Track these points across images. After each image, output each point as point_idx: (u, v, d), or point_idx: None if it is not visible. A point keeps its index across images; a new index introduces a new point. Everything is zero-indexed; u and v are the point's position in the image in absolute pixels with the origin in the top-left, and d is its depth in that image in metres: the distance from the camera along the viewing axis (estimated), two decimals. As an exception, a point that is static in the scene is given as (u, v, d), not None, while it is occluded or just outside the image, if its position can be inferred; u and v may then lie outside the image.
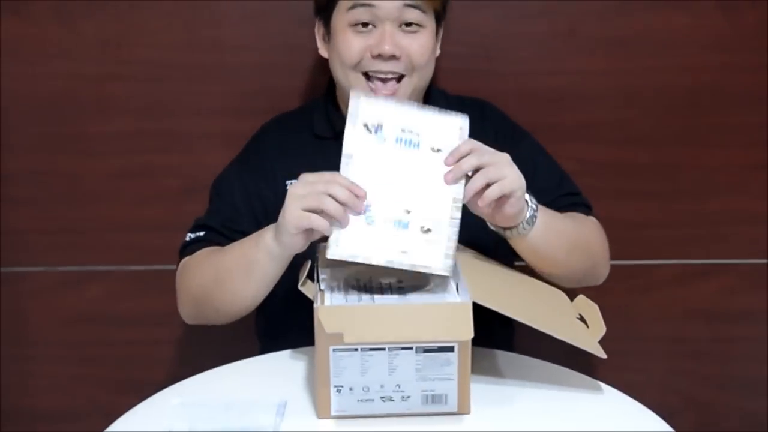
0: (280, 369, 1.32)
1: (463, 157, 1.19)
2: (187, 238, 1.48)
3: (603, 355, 1.22)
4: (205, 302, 1.39)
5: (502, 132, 1.54)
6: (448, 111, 1.23)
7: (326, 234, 1.17)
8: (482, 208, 1.22)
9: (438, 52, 1.51)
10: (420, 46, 1.42)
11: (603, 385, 1.27)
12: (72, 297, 1.89)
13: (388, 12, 1.39)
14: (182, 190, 1.81)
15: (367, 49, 1.41)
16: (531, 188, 1.28)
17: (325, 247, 1.18)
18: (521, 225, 1.28)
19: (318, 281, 1.22)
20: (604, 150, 1.81)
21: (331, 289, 1.22)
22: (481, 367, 1.28)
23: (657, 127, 1.80)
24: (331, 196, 1.15)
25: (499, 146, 1.47)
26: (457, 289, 1.20)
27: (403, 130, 1.20)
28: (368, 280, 1.25)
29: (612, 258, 1.81)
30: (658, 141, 1.81)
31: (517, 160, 1.46)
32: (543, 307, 1.30)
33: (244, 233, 1.36)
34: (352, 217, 1.17)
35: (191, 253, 1.45)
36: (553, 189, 1.49)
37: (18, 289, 1.89)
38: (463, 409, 1.17)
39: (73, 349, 1.93)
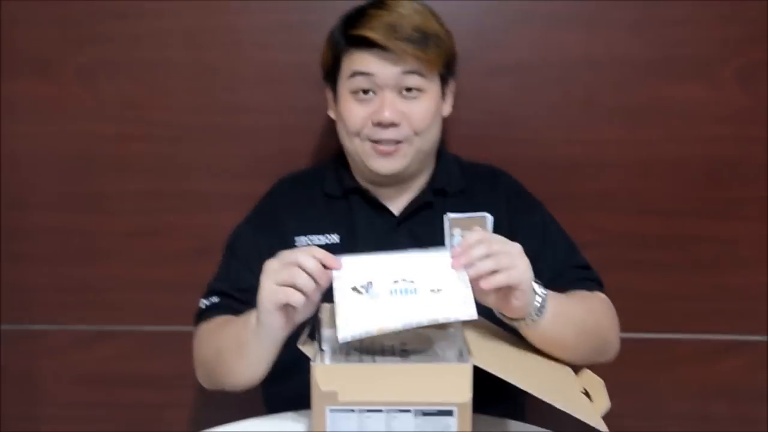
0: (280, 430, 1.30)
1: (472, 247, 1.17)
2: (202, 305, 1.48)
3: (605, 429, 1.18)
4: (212, 374, 1.40)
5: (514, 200, 1.54)
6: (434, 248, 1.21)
7: (297, 306, 1.16)
8: (486, 294, 1.19)
9: (448, 111, 1.52)
10: (420, 111, 1.43)
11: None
12: (83, 356, 1.89)
13: (386, 79, 1.40)
14: (197, 250, 1.82)
15: (369, 116, 1.42)
16: (540, 258, 1.26)
17: (330, 307, 1.16)
18: (530, 316, 1.24)
19: (319, 341, 1.20)
20: (621, 220, 1.79)
21: (333, 350, 1.20)
22: (485, 434, 1.25)
23: (675, 198, 1.78)
24: (301, 268, 1.15)
25: (511, 215, 1.48)
26: (461, 355, 1.18)
27: (395, 282, 1.17)
28: (371, 342, 1.23)
29: (630, 330, 1.79)
30: (676, 212, 1.79)
31: (529, 229, 1.46)
32: (546, 377, 1.26)
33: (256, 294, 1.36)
34: (355, 296, 1.15)
35: (206, 320, 1.45)
36: (562, 261, 1.47)
37: (29, 348, 1.89)
38: (462, 476, 1.13)
39: (82, 409, 1.91)
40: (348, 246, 1.45)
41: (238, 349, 1.29)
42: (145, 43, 1.77)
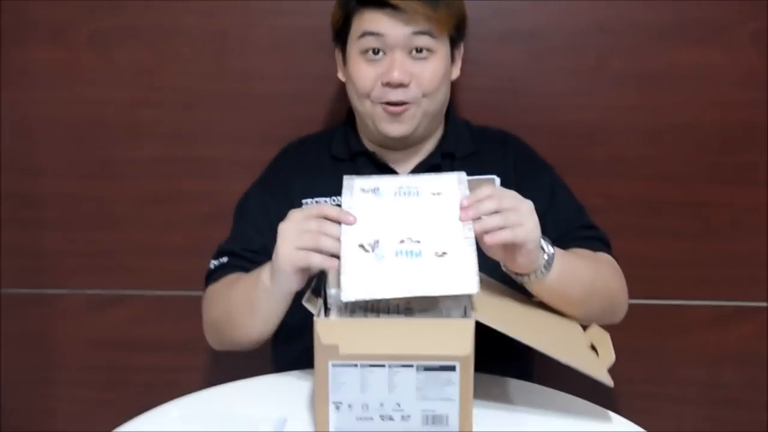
0: (284, 388, 1.31)
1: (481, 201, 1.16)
2: (211, 266, 1.49)
3: (610, 383, 1.18)
4: (221, 333, 1.42)
5: (523, 163, 1.53)
6: (444, 172, 1.23)
7: (324, 269, 1.16)
8: (492, 248, 1.19)
9: (456, 74, 1.52)
10: (430, 72, 1.42)
11: (613, 415, 1.23)
12: (96, 320, 1.91)
13: (396, 40, 1.40)
14: (209, 216, 1.83)
15: (378, 77, 1.42)
16: (547, 218, 1.25)
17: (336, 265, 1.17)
18: (535, 273, 1.24)
19: (325, 299, 1.21)
20: (633, 186, 1.78)
21: (338, 308, 1.20)
22: (490, 392, 1.26)
23: (687, 164, 1.77)
24: (325, 233, 1.15)
25: (519, 176, 1.48)
26: (465, 312, 1.18)
27: (400, 187, 1.21)
28: (376, 302, 1.24)
29: (642, 297, 1.80)
30: (688, 178, 1.77)
31: (536, 191, 1.45)
32: (552, 333, 1.27)
33: (267, 254, 1.36)
34: (361, 256, 1.14)
35: (215, 281, 1.47)
36: (570, 221, 1.47)
37: (43, 312, 1.92)
38: (464, 430, 1.13)
39: (96, 373, 1.94)
40: None
41: (249, 307, 1.31)
42: (157, 9, 1.77)
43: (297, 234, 1.17)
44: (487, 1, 1.73)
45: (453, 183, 1.20)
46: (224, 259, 1.48)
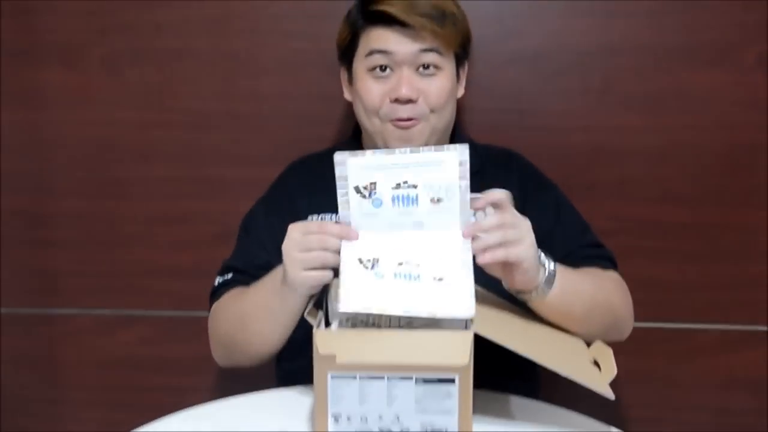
0: (285, 402, 1.31)
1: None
2: (216, 283, 1.50)
3: (611, 396, 1.17)
4: (234, 346, 1.41)
5: (527, 181, 1.54)
6: (444, 147, 1.18)
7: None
8: (489, 266, 1.18)
9: (461, 92, 1.52)
10: (437, 88, 1.43)
11: (615, 431, 1.22)
12: (105, 341, 1.92)
13: (404, 57, 1.41)
14: (217, 236, 1.84)
15: (386, 94, 1.43)
16: (553, 237, 1.25)
17: (338, 284, 1.17)
18: (536, 290, 1.24)
19: (326, 312, 1.21)
20: (641, 208, 1.78)
21: (339, 322, 1.20)
22: (490, 408, 1.25)
23: (695, 186, 1.77)
24: (328, 249, 1.17)
25: (523, 194, 1.48)
26: (466, 326, 1.18)
27: (398, 185, 1.18)
28: (378, 317, 1.24)
29: (650, 320, 1.79)
30: (696, 200, 1.77)
31: (541, 209, 1.46)
32: (554, 347, 1.26)
33: (270, 271, 1.37)
34: (361, 272, 1.16)
35: (220, 297, 1.47)
36: (575, 239, 1.47)
37: (52, 332, 1.93)
38: (464, 445, 1.13)
39: (104, 393, 1.94)
40: None
41: (268, 313, 1.31)
42: (167, 31, 1.80)
43: (303, 255, 1.19)
44: (493, 22, 1.75)
45: (454, 172, 1.17)
46: (229, 276, 1.48)
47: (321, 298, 1.23)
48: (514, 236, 1.17)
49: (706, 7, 1.71)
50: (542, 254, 1.23)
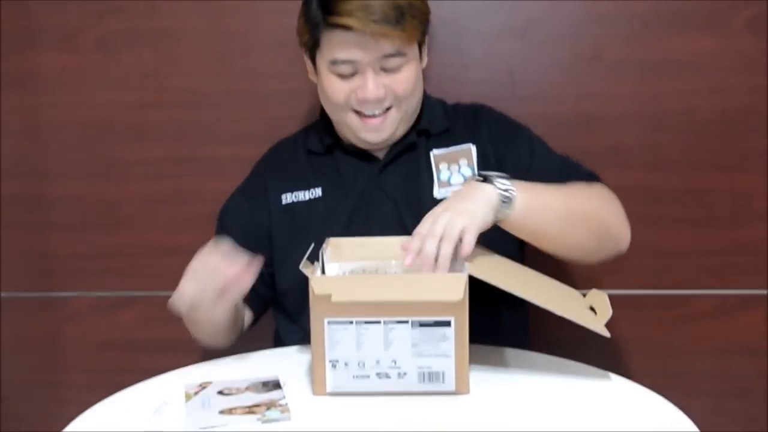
0: (284, 358, 1.32)
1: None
2: None
3: (606, 334, 1.18)
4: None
5: (497, 131, 1.54)
6: None
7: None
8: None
9: (425, 63, 1.53)
10: (403, 80, 1.44)
11: (612, 375, 1.23)
12: (105, 322, 1.93)
13: (368, 62, 1.41)
14: (215, 215, 1.83)
15: (352, 91, 1.43)
16: (531, 174, 1.27)
17: (335, 241, 1.23)
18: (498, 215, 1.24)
19: (323, 269, 1.22)
20: (634, 175, 1.78)
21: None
22: (487, 359, 1.26)
23: (688, 152, 1.77)
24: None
25: (495, 143, 1.50)
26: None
27: None
28: (374, 271, 1.25)
29: (646, 287, 1.80)
30: (689, 166, 1.78)
31: (516, 153, 1.48)
32: (548, 291, 1.27)
33: None
34: None
35: None
36: (554, 171, 1.46)
37: (52, 314, 1.93)
38: (461, 389, 1.14)
39: (104, 375, 1.93)
40: (332, 197, 1.50)
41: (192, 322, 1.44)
42: (162, 12, 1.81)
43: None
44: (482, -7, 1.77)
45: None
46: None
47: (315, 253, 1.24)
48: (441, 227, 1.17)
49: (694, -28, 1.72)
50: (494, 180, 1.23)
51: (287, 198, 1.52)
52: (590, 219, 1.37)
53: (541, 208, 1.28)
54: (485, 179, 1.23)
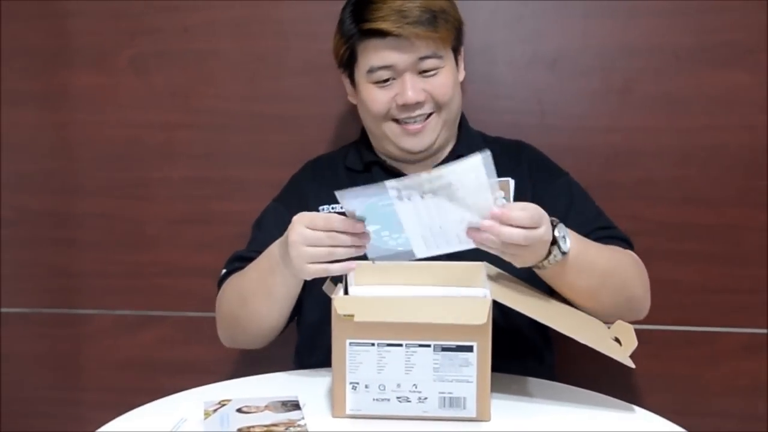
0: (304, 379, 1.31)
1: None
2: (223, 272, 1.53)
3: (632, 364, 1.16)
4: (236, 324, 1.45)
5: (538, 170, 1.55)
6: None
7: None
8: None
9: (462, 76, 1.55)
10: (441, 84, 1.46)
11: (637, 408, 1.21)
12: (127, 341, 1.93)
13: (405, 67, 1.44)
14: (239, 237, 1.81)
15: (392, 99, 1.46)
16: (568, 222, 1.26)
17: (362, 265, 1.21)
18: (544, 263, 1.23)
19: (346, 290, 1.22)
20: (662, 209, 1.77)
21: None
22: (509, 388, 1.24)
23: (717, 187, 1.76)
24: (337, 245, 1.18)
25: (534, 183, 1.50)
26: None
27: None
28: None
29: (672, 323, 1.77)
30: (718, 201, 1.76)
31: (554, 196, 1.47)
32: (573, 320, 1.25)
33: None
34: None
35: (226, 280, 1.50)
36: (589, 223, 1.47)
37: (75, 332, 1.94)
38: (482, 416, 1.12)
39: (125, 394, 1.92)
40: None
41: (266, 292, 1.35)
42: (194, 33, 1.83)
43: (310, 250, 1.19)
44: (514, 23, 1.77)
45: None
46: (236, 264, 1.51)
47: (337, 278, 1.23)
48: (525, 253, 1.18)
49: (725, 7, 1.72)
50: (559, 234, 1.22)
51: (325, 209, 1.52)
52: (624, 287, 1.37)
53: (587, 265, 1.28)
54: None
